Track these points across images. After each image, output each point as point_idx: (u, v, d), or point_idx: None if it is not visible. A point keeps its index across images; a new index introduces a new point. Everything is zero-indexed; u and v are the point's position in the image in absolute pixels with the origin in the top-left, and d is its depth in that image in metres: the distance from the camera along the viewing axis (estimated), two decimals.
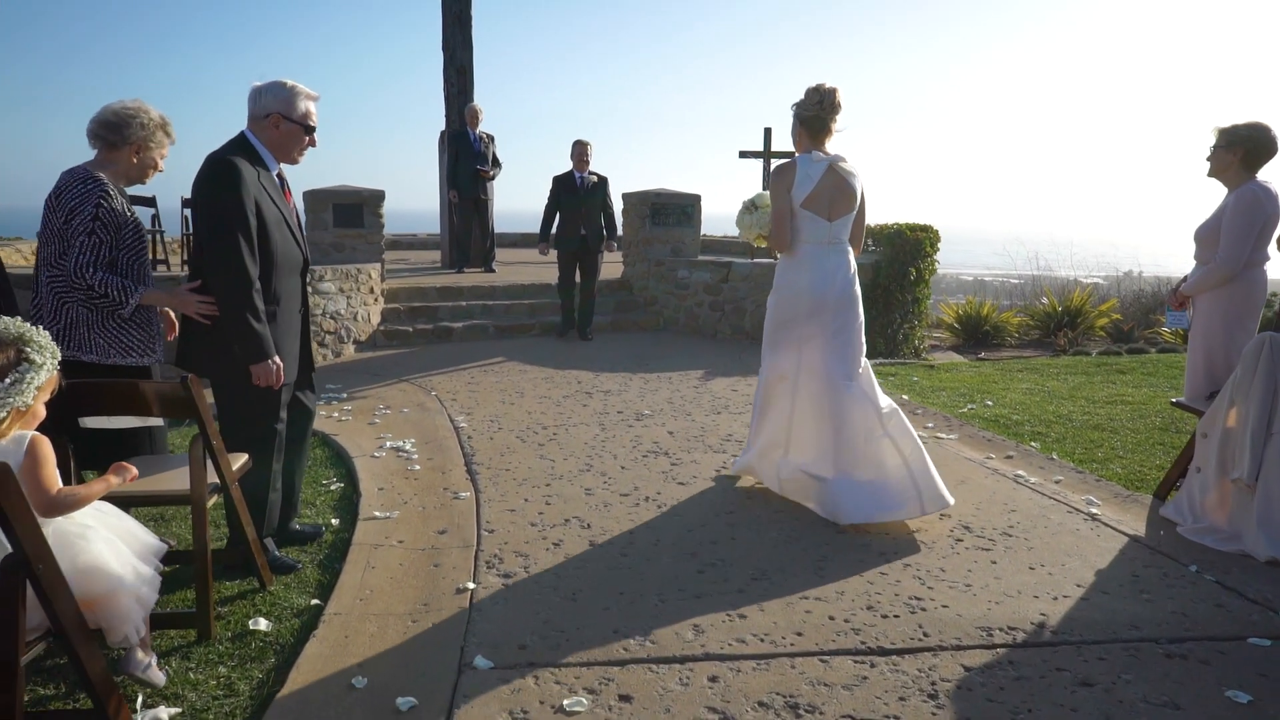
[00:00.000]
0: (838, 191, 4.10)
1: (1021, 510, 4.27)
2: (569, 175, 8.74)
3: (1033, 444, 5.51)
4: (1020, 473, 4.86)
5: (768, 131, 10.28)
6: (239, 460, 3.31)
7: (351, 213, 8.60)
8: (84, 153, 3.48)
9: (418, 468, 4.95)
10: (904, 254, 9.28)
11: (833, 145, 4.19)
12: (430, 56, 11.57)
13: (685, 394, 6.77)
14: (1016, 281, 19.38)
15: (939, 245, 9.79)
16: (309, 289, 3.96)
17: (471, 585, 3.43)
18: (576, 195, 8.62)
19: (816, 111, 4.11)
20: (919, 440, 4.18)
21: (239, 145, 3.44)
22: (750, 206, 4.55)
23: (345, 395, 6.66)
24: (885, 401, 4.21)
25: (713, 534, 3.97)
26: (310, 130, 3.61)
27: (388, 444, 5.37)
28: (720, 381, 7.26)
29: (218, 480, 3.14)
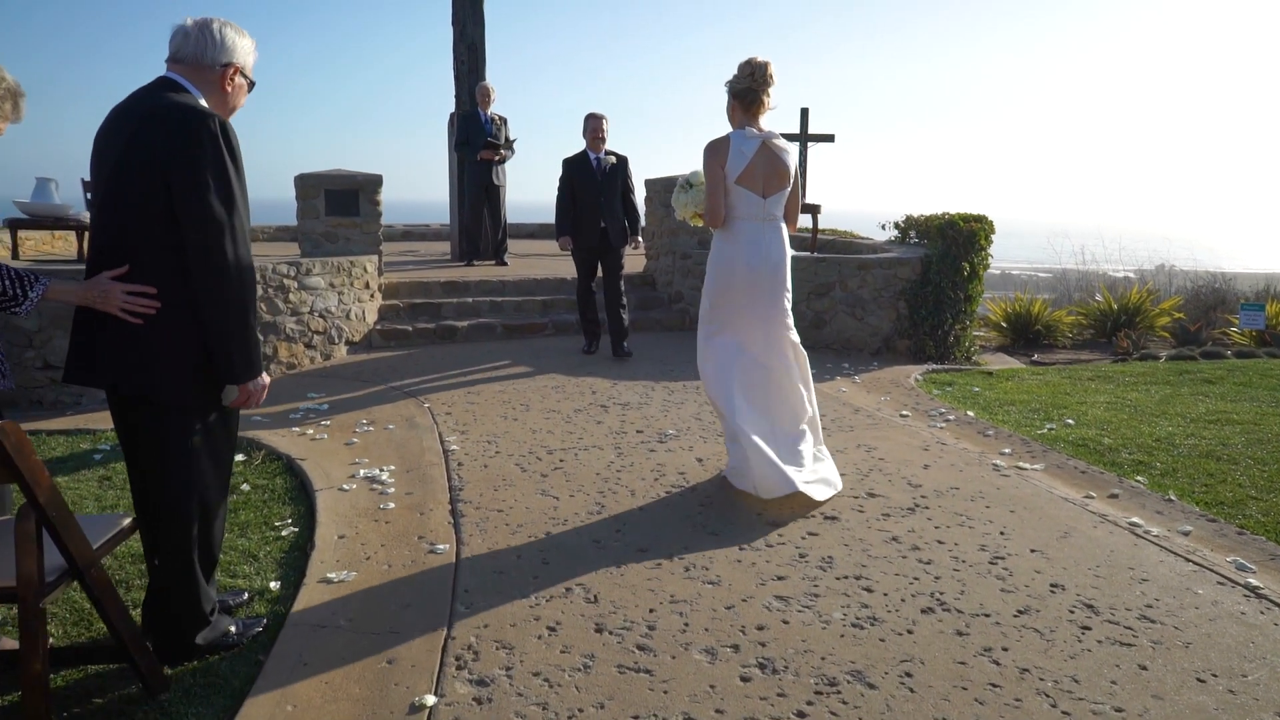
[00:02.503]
0: (771, 168, 4.07)
1: (1156, 580, 3.24)
2: (582, 157, 7.05)
3: (1138, 478, 4.46)
4: (1136, 520, 3.83)
5: (804, 112, 9.24)
6: (110, 529, 2.36)
7: (345, 199, 7.64)
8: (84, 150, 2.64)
9: (392, 506, 3.99)
10: (956, 247, 8.21)
11: (766, 121, 4.14)
12: (447, 42, 10.58)
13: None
14: (1045, 276, 18.21)
15: (993, 238, 8.71)
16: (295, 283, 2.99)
17: (431, 701, 2.46)
18: (593, 181, 6.96)
19: (749, 84, 4.04)
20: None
21: (192, 102, 2.50)
22: (685, 185, 4.37)
23: (326, 406, 5.72)
24: (807, 366, 4.30)
25: (757, 614, 2.98)
26: (253, 87, 2.75)
27: (361, 472, 4.42)
28: None
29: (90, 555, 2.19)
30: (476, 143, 9.61)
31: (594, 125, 7.05)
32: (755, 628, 2.89)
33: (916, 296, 8.08)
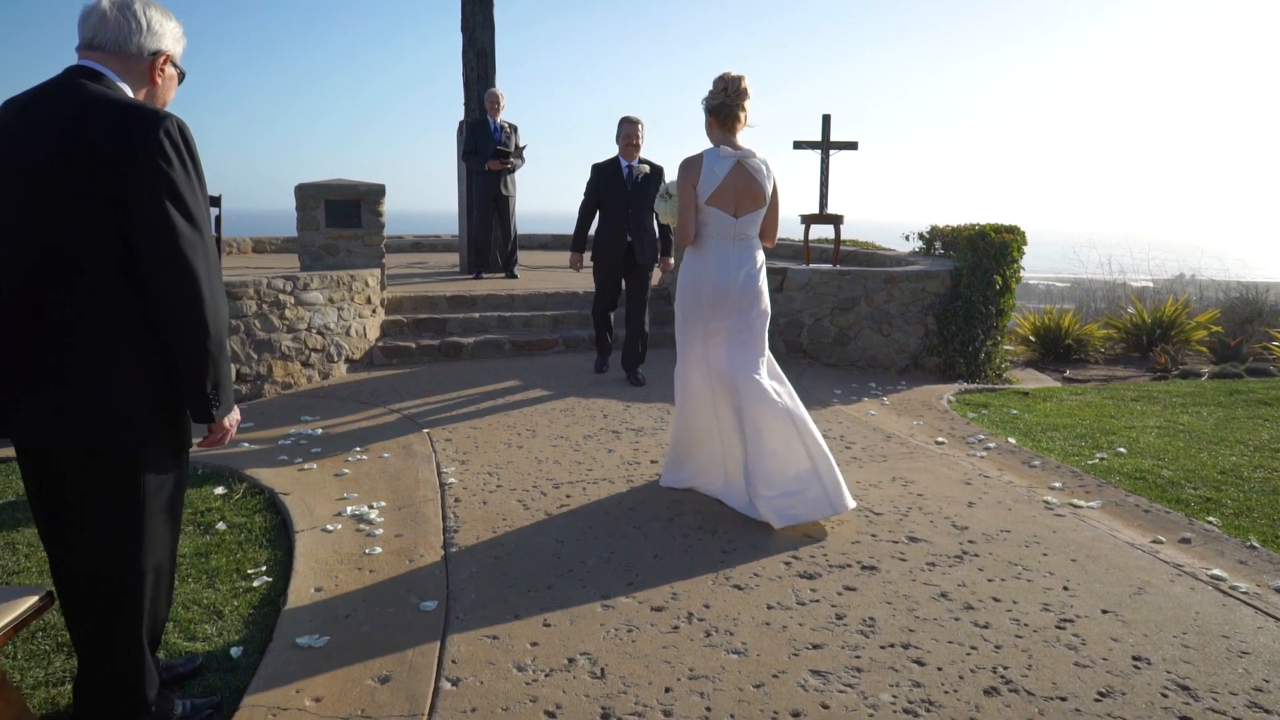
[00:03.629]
0: (744, 188, 3.95)
1: (1258, 653, 2.76)
2: (612, 164, 6.44)
3: (1210, 519, 3.98)
4: (1218, 573, 3.35)
5: (826, 119, 8.77)
6: (10, 610, 1.94)
7: (347, 210, 7.24)
8: None
9: (378, 551, 3.56)
10: (988, 259, 7.72)
11: (745, 138, 4.03)
12: (457, 48, 10.20)
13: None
14: (1063, 285, 17.64)
15: (1025, 249, 8.23)
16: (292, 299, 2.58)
17: None
18: (622, 191, 6.37)
19: (723, 99, 3.92)
20: (820, 437, 3.97)
21: (129, 98, 2.11)
22: (664, 194, 4.26)
23: (319, 431, 5.30)
24: (787, 394, 4.07)
25: (791, 694, 2.53)
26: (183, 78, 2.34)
27: (349, 509, 4.00)
28: None
29: None
30: (485, 151, 9.22)
31: (628, 130, 6.36)
32: (790, 714, 2.44)
33: (946, 311, 7.61)
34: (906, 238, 10.68)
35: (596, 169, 6.50)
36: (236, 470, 4.56)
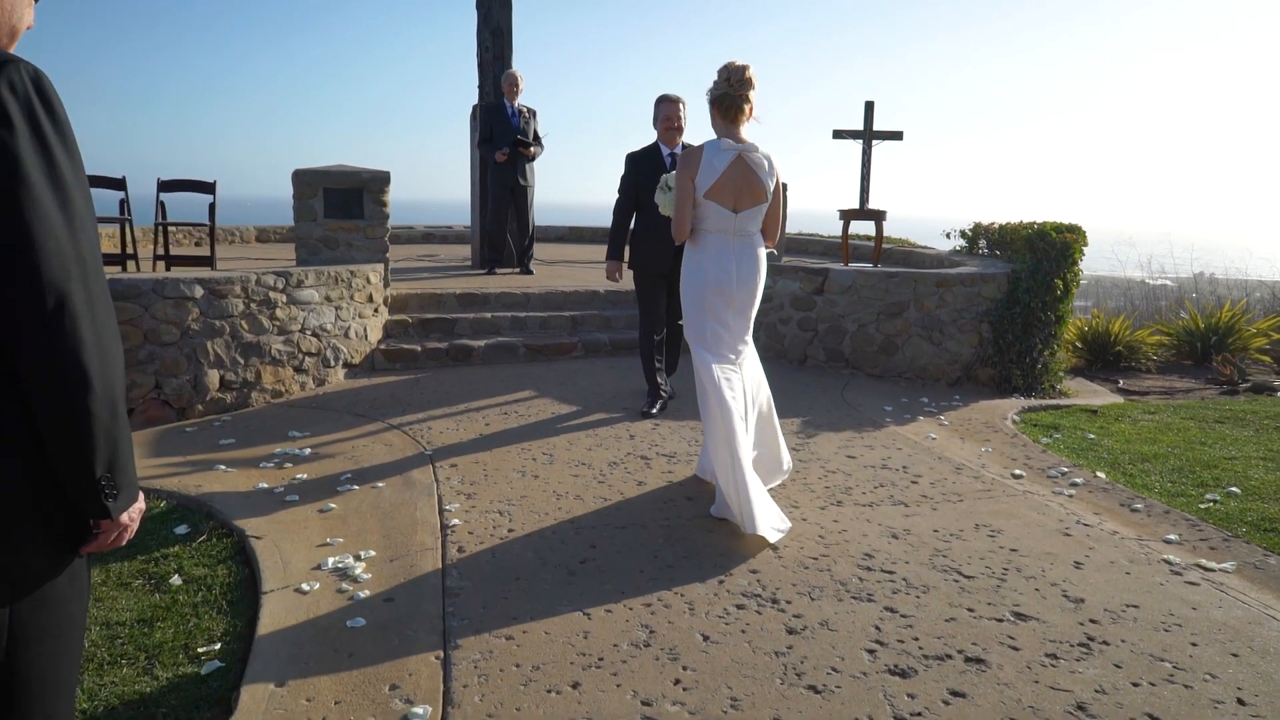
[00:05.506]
0: (745, 183, 3.80)
1: None
2: (652, 151, 5.30)
3: None
4: None
5: (869, 106, 7.98)
6: None
7: (347, 199, 6.50)
8: (106, 146, 1.48)
9: (361, 623, 2.83)
10: (1048, 261, 6.94)
11: (750, 130, 3.86)
12: (471, 27, 9.41)
13: None
14: (1084, 282, 16.76)
15: (1085, 250, 7.44)
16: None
17: None
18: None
19: (725, 90, 3.73)
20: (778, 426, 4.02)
21: None
22: (664, 186, 4.17)
23: (307, 452, 4.59)
24: (758, 379, 3.96)
25: None
26: None
27: (331, 561, 3.28)
28: (828, 440, 5.04)
29: None
30: (501, 137, 8.46)
31: (668, 111, 5.25)
32: None
33: (1003, 318, 6.82)
34: (947, 235, 9.88)
35: (632, 159, 5.33)
36: (205, 503, 3.85)
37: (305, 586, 3.08)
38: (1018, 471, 4.57)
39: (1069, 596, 3.09)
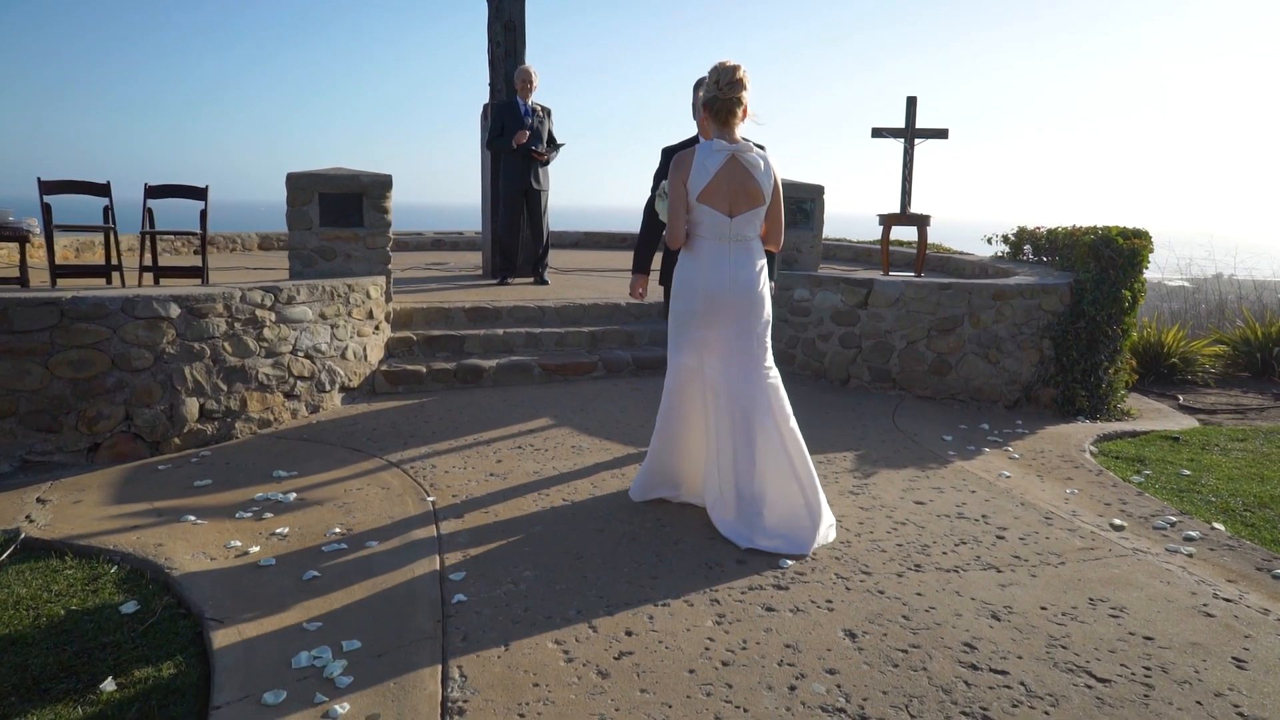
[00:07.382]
0: (739, 185, 3.52)
1: None
2: (693, 145, 4.14)
3: None
4: None
5: (911, 101, 7.27)
6: None
7: (345, 205, 5.83)
8: (110, 152, 0.83)
9: None
10: (1114, 270, 6.21)
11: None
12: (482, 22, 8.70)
13: (839, 507, 3.87)
14: None
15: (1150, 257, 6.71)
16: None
17: None
18: None
19: (715, 93, 3.47)
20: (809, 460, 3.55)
21: None
22: (663, 193, 3.83)
23: (293, 496, 3.92)
24: (785, 410, 3.58)
25: None
26: None
27: (305, 657, 2.60)
28: (889, 481, 4.34)
29: None
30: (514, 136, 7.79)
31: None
32: None
33: (1065, 334, 6.11)
34: (989, 240, 9.17)
35: (669, 154, 4.29)
36: (163, 571, 3.18)
37: (270, 697, 2.40)
38: (1117, 521, 3.86)
39: (1242, 714, 2.39)
